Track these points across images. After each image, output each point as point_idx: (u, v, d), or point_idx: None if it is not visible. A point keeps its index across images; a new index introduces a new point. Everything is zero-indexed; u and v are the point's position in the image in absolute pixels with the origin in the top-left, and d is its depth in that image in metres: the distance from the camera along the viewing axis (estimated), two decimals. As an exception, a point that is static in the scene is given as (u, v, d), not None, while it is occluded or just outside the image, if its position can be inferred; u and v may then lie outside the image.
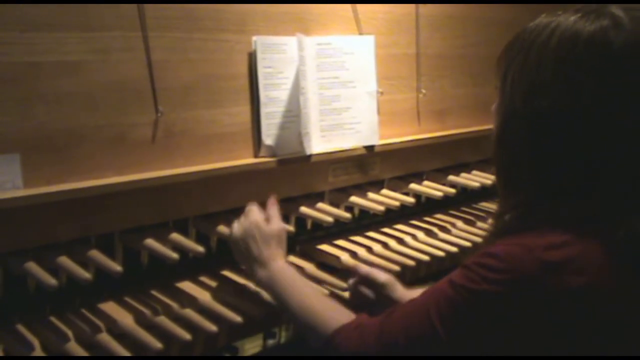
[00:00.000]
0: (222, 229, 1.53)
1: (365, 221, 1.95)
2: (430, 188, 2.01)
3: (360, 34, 1.87)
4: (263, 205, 1.66)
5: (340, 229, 1.87)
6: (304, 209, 1.72)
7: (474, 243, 1.85)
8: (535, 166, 1.02)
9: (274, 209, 1.48)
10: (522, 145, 1.03)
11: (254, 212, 1.45)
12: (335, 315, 1.20)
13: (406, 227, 1.97)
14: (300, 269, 1.64)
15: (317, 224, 1.77)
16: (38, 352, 1.24)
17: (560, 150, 0.99)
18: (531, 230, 0.99)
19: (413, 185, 2.01)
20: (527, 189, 1.04)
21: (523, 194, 1.05)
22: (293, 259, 1.71)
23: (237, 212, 1.59)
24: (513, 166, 1.06)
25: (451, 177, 2.11)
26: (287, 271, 1.35)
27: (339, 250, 1.78)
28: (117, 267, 1.28)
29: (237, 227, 1.43)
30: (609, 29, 0.97)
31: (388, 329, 1.08)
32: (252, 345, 2.34)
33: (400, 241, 1.86)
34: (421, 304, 1.06)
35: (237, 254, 1.44)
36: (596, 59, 0.96)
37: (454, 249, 1.80)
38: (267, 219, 1.44)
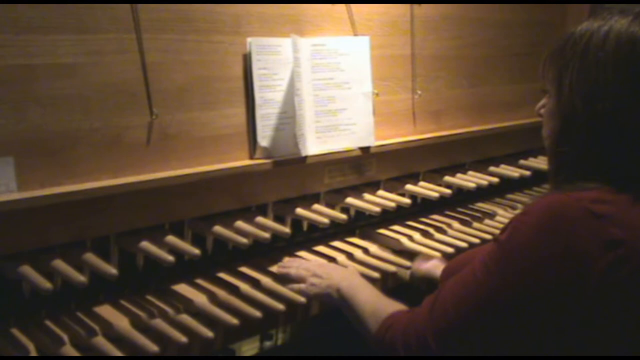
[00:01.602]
0: (219, 229, 1.53)
1: (361, 222, 1.95)
2: (426, 189, 2.01)
3: (355, 35, 1.87)
4: (260, 206, 1.66)
5: (336, 230, 1.87)
6: (299, 211, 1.71)
7: (470, 244, 1.85)
8: (597, 162, 1.07)
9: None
10: (585, 144, 1.08)
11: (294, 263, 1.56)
12: (392, 305, 1.28)
13: (402, 228, 1.97)
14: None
15: (313, 226, 1.77)
16: (33, 355, 1.23)
17: (621, 147, 1.05)
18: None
19: (409, 186, 2.01)
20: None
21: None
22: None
23: (233, 213, 1.59)
24: (572, 164, 1.11)
25: (447, 178, 2.11)
26: (358, 284, 1.42)
27: (335, 251, 1.78)
28: (113, 270, 1.27)
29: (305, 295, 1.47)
30: None
31: (438, 304, 1.13)
32: (249, 347, 2.34)
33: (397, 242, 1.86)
34: (467, 272, 1.12)
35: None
36: None
37: (450, 250, 1.80)
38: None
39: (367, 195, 1.87)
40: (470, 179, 2.11)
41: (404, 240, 1.86)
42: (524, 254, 1.04)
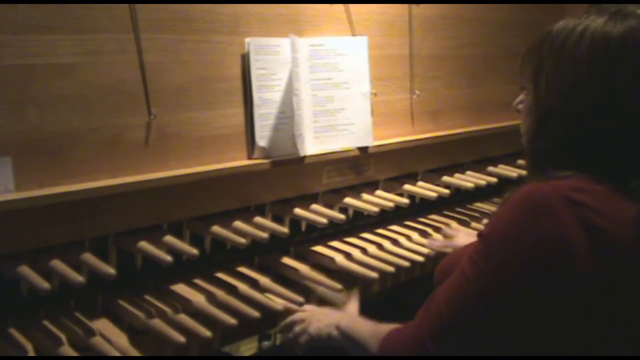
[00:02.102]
0: (217, 229, 1.53)
1: (360, 222, 1.95)
2: (425, 189, 2.01)
3: (354, 35, 1.87)
4: (259, 206, 1.66)
5: (334, 230, 1.87)
6: (298, 211, 1.71)
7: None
8: (573, 155, 1.08)
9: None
10: (561, 140, 1.09)
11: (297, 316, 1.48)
12: (390, 326, 1.25)
13: (400, 228, 1.97)
14: (294, 270, 1.64)
15: (312, 226, 1.77)
16: (31, 355, 1.23)
17: (597, 142, 1.06)
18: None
19: (407, 186, 2.01)
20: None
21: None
22: (287, 260, 1.71)
23: (231, 213, 1.59)
24: (549, 158, 1.12)
25: (445, 178, 2.11)
26: (355, 320, 1.39)
27: (334, 251, 1.78)
28: (111, 270, 1.27)
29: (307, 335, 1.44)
30: (638, 29, 1.05)
31: (433, 306, 1.14)
32: (247, 347, 2.34)
33: (395, 242, 1.86)
34: (457, 272, 1.12)
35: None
36: (629, 58, 1.05)
37: (448, 250, 1.80)
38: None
39: (365, 195, 1.87)
40: (468, 179, 2.11)
41: (403, 241, 1.87)
42: (505, 246, 1.05)
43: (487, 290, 1.06)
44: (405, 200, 1.87)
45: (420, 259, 1.74)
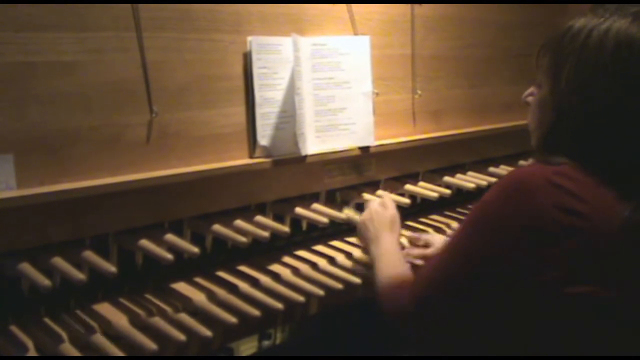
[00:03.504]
0: (218, 228, 1.53)
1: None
2: (426, 189, 2.01)
3: (356, 34, 1.87)
4: (260, 205, 1.66)
5: (335, 230, 1.87)
6: (299, 210, 1.71)
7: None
8: (579, 154, 1.08)
9: (388, 198, 1.75)
10: (574, 138, 1.09)
11: (373, 202, 1.71)
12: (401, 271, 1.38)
13: (402, 228, 1.97)
14: (295, 269, 1.64)
15: (313, 225, 1.77)
16: (32, 353, 1.23)
17: (613, 142, 1.06)
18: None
19: (408, 186, 2.01)
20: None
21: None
22: (288, 260, 1.71)
23: (232, 212, 1.59)
24: (559, 153, 1.11)
25: (446, 178, 2.11)
26: (388, 246, 1.52)
27: (335, 251, 1.78)
28: (112, 268, 1.27)
29: (361, 215, 1.68)
30: None
31: (422, 271, 1.23)
32: (247, 347, 2.34)
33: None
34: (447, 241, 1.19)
35: (360, 236, 1.69)
36: None
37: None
38: (384, 206, 1.68)
39: (366, 195, 1.87)
40: (469, 180, 2.11)
41: (404, 241, 1.86)
42: (486, 217, 1.09)
43: (463, 257, 1.11)
44: (406, 200, 1.87)
45: (419, 262, 1.74)
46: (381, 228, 1.59)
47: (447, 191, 1.99)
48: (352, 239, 1.87)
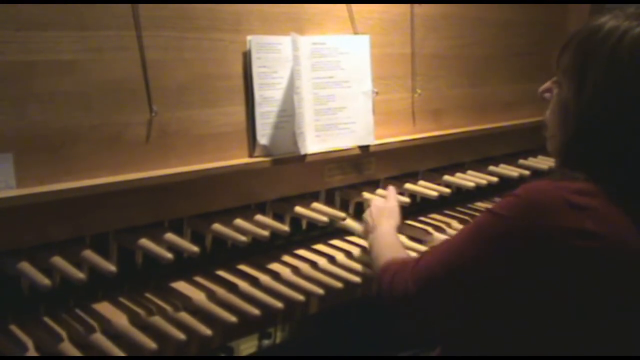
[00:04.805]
0: (218, 227, 1.53)
1: (361, 221, 1.94)
2: (426, 188, 2.01)
3: (356, 33, 1.87)
4: (260, 204, 1.66)
5: (335, 229, 1.87)
6: (299, 209, 1.71)
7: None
8: (615, 158, 1.05)
9: (392, 190, 1.80)
10: (599, 146, 1.06)
11: (376, 199, 1.78)
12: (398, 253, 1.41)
13: (401, 226, 1.97)
14: (295, 268, 1.64)
15: (312, 224, 1.77)
16: (32, 352, 1.23)
17: (632, 154, 1.03)
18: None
19: (408, 185, 2.01)
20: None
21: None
22: (288, 259, 1.71)
23: (232, 211, 1.59)
24: (582, 160, 1.09)
25: (446, 177, 2.11)
26: (385, 232, 1.56)
27: (335, 250, 1.78)
28: (112, 267, 1.27)
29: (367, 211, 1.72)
30: None
31: (426, 255, 1.22)
32: (247, 346, 2.34)
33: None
34: (457, 232, 1.19)
35: (363, 231, 1.72)
36: None
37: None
38: (386, 198, 1.76)
39: (366, 194, 1.87)
40: (469, 179, 2.11)
41: (404, 239, 1.86)
42: (494, 229, 1.08)
43: (466, 257, 1.10)
44: (406, 199, 1.87)
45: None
46: (379, 218, 1.64)
47: (447, 190, 1.99)
48: (352, 238, 1.87)
